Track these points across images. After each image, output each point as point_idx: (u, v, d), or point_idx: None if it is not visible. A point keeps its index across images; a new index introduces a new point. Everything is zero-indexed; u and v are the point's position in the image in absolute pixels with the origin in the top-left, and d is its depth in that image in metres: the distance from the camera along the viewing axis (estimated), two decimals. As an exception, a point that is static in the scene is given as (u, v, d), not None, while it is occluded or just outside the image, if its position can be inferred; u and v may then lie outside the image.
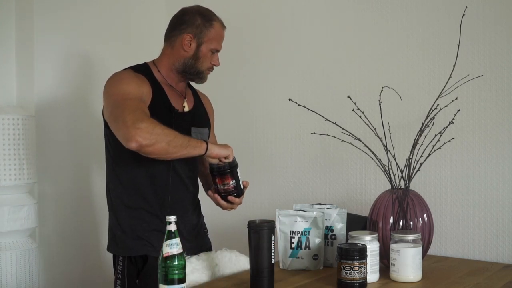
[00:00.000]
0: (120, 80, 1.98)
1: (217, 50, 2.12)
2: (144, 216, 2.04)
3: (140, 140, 1.76)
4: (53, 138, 2.69)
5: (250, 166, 2.73)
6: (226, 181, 1.98)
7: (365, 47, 2.46)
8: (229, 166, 1.96)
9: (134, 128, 1.77)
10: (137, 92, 1.94)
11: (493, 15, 2.17)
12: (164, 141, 1.80)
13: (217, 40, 2.10)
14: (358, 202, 2.44)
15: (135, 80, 1.99)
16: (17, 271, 2.41)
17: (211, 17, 2.10)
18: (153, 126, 1.80)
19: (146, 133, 1.77)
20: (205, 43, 2.08)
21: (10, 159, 2.41)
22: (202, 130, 2.16)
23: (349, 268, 1.69)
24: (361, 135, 2.07)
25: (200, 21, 2.07)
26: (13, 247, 2.42)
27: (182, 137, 1.86)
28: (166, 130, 1.83)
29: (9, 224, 2.40)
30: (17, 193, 2.46)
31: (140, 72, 2.05)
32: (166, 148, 1.82)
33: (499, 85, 2.16)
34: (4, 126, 2.40)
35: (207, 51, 2.09)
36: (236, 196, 2.02)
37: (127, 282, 2.03)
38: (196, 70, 2.10)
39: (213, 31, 2.09)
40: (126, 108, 1.84)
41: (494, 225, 2.17)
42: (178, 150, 1.84)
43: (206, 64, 2.10)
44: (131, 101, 1.88)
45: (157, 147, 1.80)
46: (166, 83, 2.10)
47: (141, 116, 1.81)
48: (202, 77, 2.13)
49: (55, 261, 2.71)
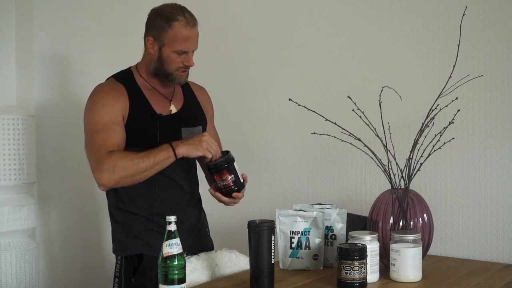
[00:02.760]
0: (94, 104, 2.00)
1: (183, 51, 2.00)
2: (139, 218, 2.05)
3: (105, 183, 1.87)
4: (53, 138, 2.69)
5: (250, 166, 2.73)
6: (224, 177, 1.96)
7: (365, 47, 2.46)
8: (225, 161, 1.94)
9: (97, 172, 1.87)
10: (108, 117, 1.95)
11: (493, 15, 2.17)
12: (127, 175, 1.87)
13: (180, 41, 1.99)
14: (358, 202, 2.44)
15: (109, 100, 1.98)
16: (17, 271, 2.41)
17: (172, 17, 1.98)
18: (113, 165, 1.86)
19: (108, 174, 1.85)
20: (166, 45, 2.00)
21: (10, 159, 2.41)
22: (194, 129, 2.12)
23: (349, 268, 1.69)
24: (361, 135, 2.07)
25: (159, 22, 2.00)
26: (13, 247, 2.42)
27: (146, 160, 1.88)
28: (127, 162, 1.86)
29: (9, 224, 2.40)
30: (17, 193, 2.46)
31: (122, 81, 2.05)
32: (133, 179, 1.89)
33: (499, 85, 2.16)
34: (4, 126, 2.40)
35: (170, 53, 2.00)
36: (237, 191, 1.99)
37: (123, 280, 2.03)
38: (165, 73, 2.04)
39: (171, 32, 1.98)
40: (92, 147, 1.91)
41: (494, 225, 2.17)
42: (146, 174, 1.90)
43: (173, 65, 2.02)
44: (98, 135, 1.92)
45: (123, 183, 1.89)
46: (149, 87, 2.08)
47: (101, 157, 1.87)
48: (173, 79, 2.05)
49: (55, 261, 2.71)
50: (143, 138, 2.00)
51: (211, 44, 2.79)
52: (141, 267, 2.02)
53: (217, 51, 2.83)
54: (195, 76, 2.29)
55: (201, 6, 2.34)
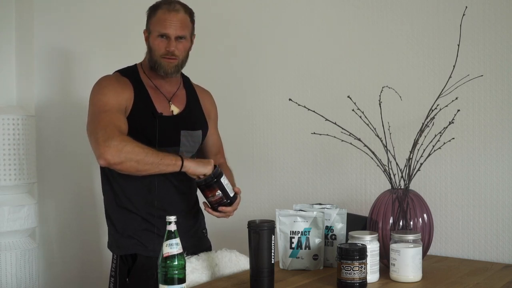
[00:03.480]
0: (101, 88, 2.00)
1: (163, 33, 2.02)
2: (134, 217, 2.05)
3: (108, 158, 1.84)
4: (53, 138, 2.70)
5: (250, 166, 2.73)
6: (214, 193, 1.96)
7: (365, 47, 2.45)
8: (214, 176, 1.94)
9: (104, 146, 1.83)
10: (115, 102, 1.96)
11: (493, 15, 2.17)
12: (133, 160, 1.86)
13: (160, 23, 2.01)
14: (358, 202, 2.44)
15: (116, 87, 1.99)
16: (17, 271, 2.41)
17: (159, 5, 2.04)
18: (123, 144, 1.85)
19: (115, 151, 1.83)
20: (152, 32, 2.04)
21: (10, 159, 2.41)
22: (194, 133, 2.13)
23: (349, 268, 1.69)
24: (361, 135, 2.07)
25: (148, 13, 2.07)
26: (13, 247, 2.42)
27: (155, 155, 1.88)
28: (137, 148, 1.86)
29: (9, 224, 2.40)
30: (17, 193, 2.47)
31: (127, 76, 2.06)
32: (136, 166, 1.87)
33: (499, 85, 2.16)
34: (4, 126, 2.40)
35: (154, 39, 2.03)
36: (229, 204, 2.00)
37: (118, 280, 2.04)
38: (153, 62, 2.05)
39: (155, 17, 2.03)
40: (100, 123, 1.89)
41: (494, 225, 2.17)
42: (149, 168, 1.89)
43: (158, 52, 2.03)
44: (106, 114, 1.91)
45: (125, 165, 1.86)
46: (152, 85, 2.08)
47: (112, 134, 1.86)
48: (158, 67, 2.04)
49: (55, 261, 2.71)
50: (141, 135, 1.99)
51: (211, 44, 2.80)
52: (135, 267, 2.02)
53: (217, 51, 2.83)
54: (195, 76, 2.29)
55: (201, 6, 2.34)
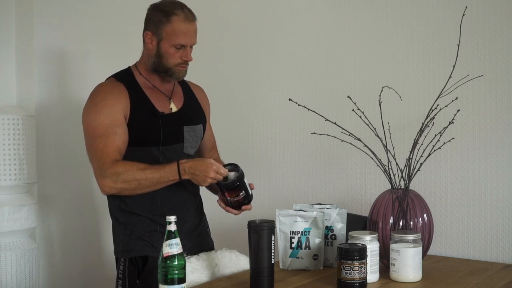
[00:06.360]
0: (93, 105, 2.01)
1: (181, 45, 2.01)
2: (142, 219, 2.04)
3: (106, 190, 1.96)
4: (53, 138, 2.70)
5: (250, 166, 2.72)
6: (236, 193, 1.96)
7: (365, 47, 2.45)
8: (238, 179, 1.94)
9: (100, 178, 1.94)
10: (109, 120, 1.97)
11: (493, 15, 2.17)
12: (129, 188, 1.94)
13: (178, 35, 1.99)
14: (358, 202, 2.44)
15: (109, 101, 1.99)
16: (17, 271, 2.41)
17: (171, 11, 2.00)
18: (116, 176, 1.91)
19: (110, 183, 1.92)
20: (164, 39, 2.00)
21: (10, 159, 2.41)
22: (196, 128, 2.14)
23: (349, 268, 1.69)
24: (361, 135, 2.07)
25: (158, 16, 2.01)
26: (13, 247, 2.42)
27: (152, 174, 1.92)
28: (132, 174, 1.92)
29: (9, 224, 2.40)
30: (17, 193, 2.47)
31: (122, 80, 2.05)
32: (134, 192, 1.97)
33: (499, 85, 2.16)
34: (4, 126, 2.40)
35: (169, 47, 2.00)
36: (248, 203, 2.02)
37: (128, 282, 2.03)
38: (164, 68, 2.04)
39: (170, 26, 1.99)
40: (95, 152, 1.95)
41: (494, 225, 2.17)
42: (149, 189, 1.96)
43: (172, 60, 2.02)
44: (100, 140, 1.95)
45: (124, 192, 1.97)
46: (149, 85, 2.08)
47: (105, 165, 1.92)
48: (171, 74, 2.04)
49: (55, 261, 2.71)
50: (145, 136, 2.01)
51: (211, 44, 2.79)
52: (146, 269, 2.01)
53: (217, 51, 2.83)
54: (194, 76, 2.29)
55: (201, 6, 2.34)
